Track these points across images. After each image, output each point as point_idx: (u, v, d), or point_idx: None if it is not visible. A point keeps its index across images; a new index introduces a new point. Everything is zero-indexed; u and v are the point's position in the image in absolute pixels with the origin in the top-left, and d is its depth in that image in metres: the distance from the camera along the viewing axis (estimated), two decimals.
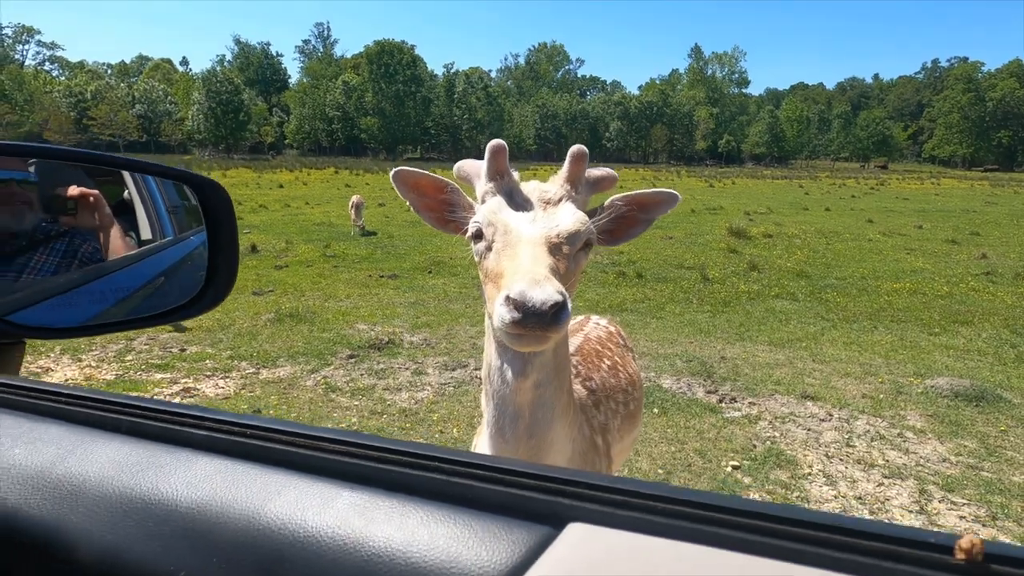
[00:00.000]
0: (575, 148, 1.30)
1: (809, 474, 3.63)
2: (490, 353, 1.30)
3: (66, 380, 4.97)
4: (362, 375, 5.35)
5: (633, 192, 1.41)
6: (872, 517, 3.19)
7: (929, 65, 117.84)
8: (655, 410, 4.56)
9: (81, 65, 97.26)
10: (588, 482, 0.31)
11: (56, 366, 5.29)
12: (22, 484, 0.37)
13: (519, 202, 1.25)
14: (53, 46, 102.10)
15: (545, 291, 0.98)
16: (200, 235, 1.17)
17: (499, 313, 1.02)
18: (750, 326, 7.43)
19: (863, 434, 4.23)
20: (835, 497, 3.35)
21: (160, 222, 1.12)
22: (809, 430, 4.28)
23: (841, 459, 3.84)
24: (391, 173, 1.35)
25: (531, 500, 0.31)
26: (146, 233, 1.10)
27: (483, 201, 1.30)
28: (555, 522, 0.29)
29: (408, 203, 1.38)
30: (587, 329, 2.45)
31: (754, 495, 3.36)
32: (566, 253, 1.18)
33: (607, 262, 11.42)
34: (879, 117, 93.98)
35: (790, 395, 4.94)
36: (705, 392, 5.00)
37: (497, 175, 1.29)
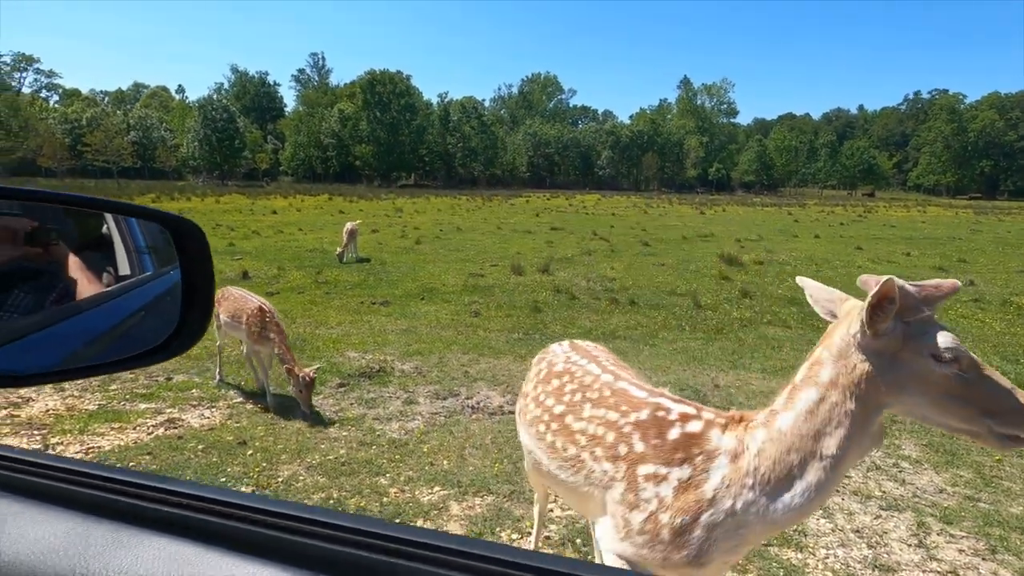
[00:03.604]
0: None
1: None
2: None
3: (47, 411, 4.86)
4: (352, 404, 5.26)
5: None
6: (871, 552, 3.13)
7: (911, 97, 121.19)
8: None
9: (77, 93, 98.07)
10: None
11: (37, 395, 5.17)
12: None
13: None
14: (51, 74, 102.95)
15: None
16: (178, 271, 1.14)
17: None
18: (743, 353, 7.41)
19: (858, 464, 4.18)
20: (832, 530, 3.29)
21: (139, 257, 1.09)
22: None
23: (837, 490, 3.78)
24: (877, 285, 1.38)
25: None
26: (124, 269, 1.07)
27: (911, 322, 1.43)
28: None
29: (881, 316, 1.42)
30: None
31: None
32: None
33: (600, 288, 11.44)
34: (864, 146, 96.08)
35: None
36: None
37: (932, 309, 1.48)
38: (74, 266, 0.92)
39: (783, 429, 1.49)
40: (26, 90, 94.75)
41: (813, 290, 1.74)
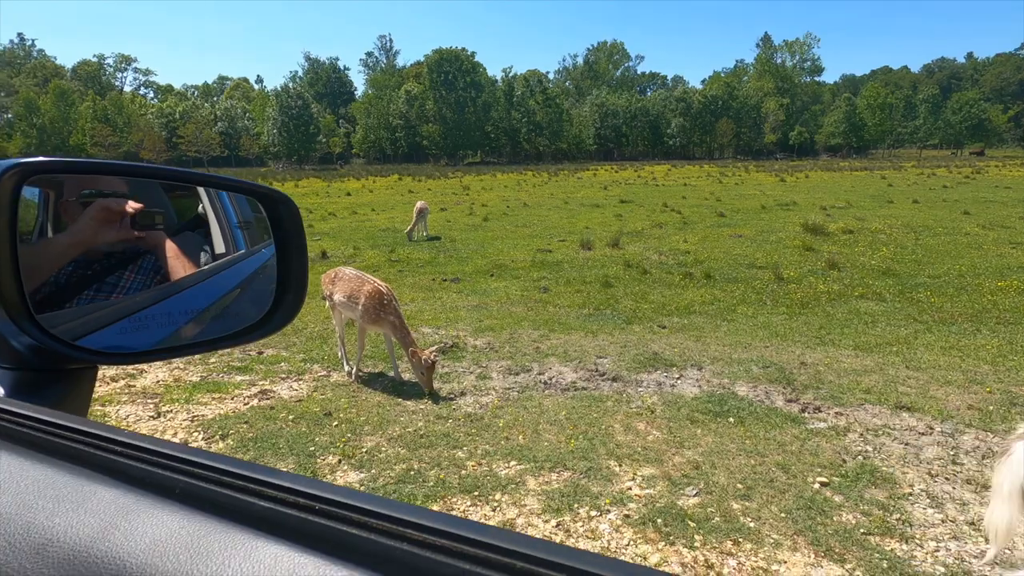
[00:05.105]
0: None
1: (910, 494, 3.30)
2: None
3: (157, 382, 5.32)
4: None
5: None
6: (984, 548, 2.84)
7: None
8: (730, 419, 4.32)
9: (170, 88, 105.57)
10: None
11: (149, 367, 5.68)
12: (53, 566, 0.31)
13: None
14: (147, 72, 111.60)
15: None
16: (270, 248, 1.15)
17: None
18: (832, 329, 6.94)
19: (972, 450, 3.80)
20: (943, 521, 3.02)
21: (233, 235, 1.12)
22: (907, 444, 3.90)
23: (947, 478, 3.47)
24: None
25: None
26: (220, 247, 1.10)
27: None
28: None
29: None
30: None
31: (848, 516, 3.08)
32: None
33: (672, 262, 11.05)
34: (973, 99, 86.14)
35: (882, 405, 4.54)
36: (785, 401, 4.68)
37: None
38: (174, 247, 0.94)
39: None
40: (127, 89, 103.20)
41: None
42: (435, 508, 3.23)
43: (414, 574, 0.28)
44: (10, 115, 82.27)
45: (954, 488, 3.35)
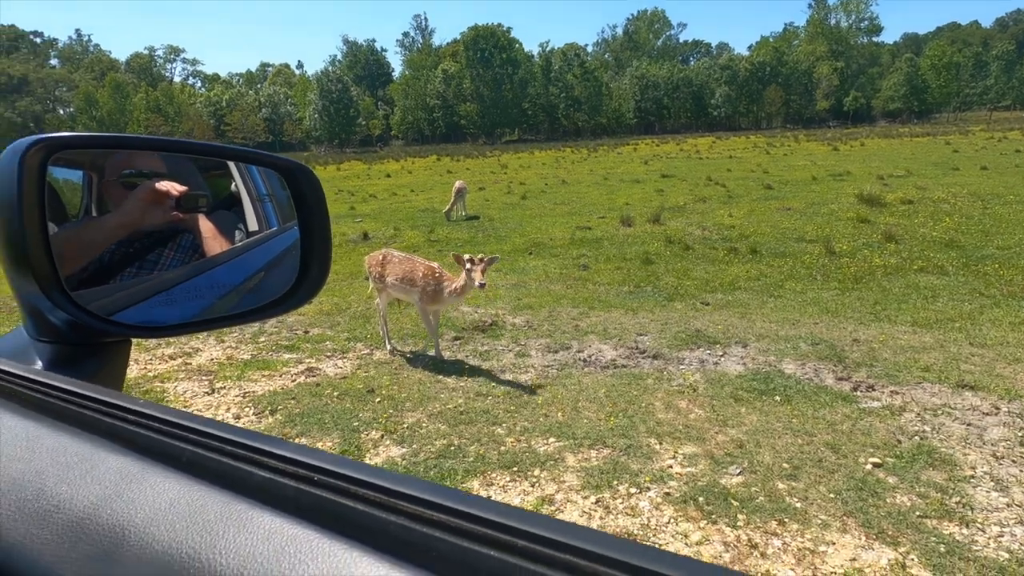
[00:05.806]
0: None
1: (972, 476, 3.12)
2: None
3: (211, 360, 5.57)
4: (467, 356, 5.45)
5: None
6: None
7: None
8: (776, 398, 4.18)
9: (216, 77, 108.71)
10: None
11: (203, 346, 5.96)
12: (57, 532, 0.31)
13: None
14: (194, 62, 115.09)
15: None
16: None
17: None
18: (888, 304, 6.60)
19: None
20: (1007, 505, 2.85)
21: (265, 213, 1.13)
22: (969, 425, 3.69)
23: (1014, 460, 3.27)
24: None
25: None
26: (253, 225, 1.11)
27: None
28: None
29: None
30: None
31: (902, 498, 2.95)
32: None
33: (716, 237, 10.72)
34: None
35: (943, 384, 4.30)
36: (836, 379, 4.50)
37: None
38: (210, 225, 0.96)
39: None
40: (176, 79, 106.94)
41: None
42: (475, 483, 3.29)
43: (406, 548, 0.26)
44: (72, 109, 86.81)
45: (1022, 471, 3.16)
